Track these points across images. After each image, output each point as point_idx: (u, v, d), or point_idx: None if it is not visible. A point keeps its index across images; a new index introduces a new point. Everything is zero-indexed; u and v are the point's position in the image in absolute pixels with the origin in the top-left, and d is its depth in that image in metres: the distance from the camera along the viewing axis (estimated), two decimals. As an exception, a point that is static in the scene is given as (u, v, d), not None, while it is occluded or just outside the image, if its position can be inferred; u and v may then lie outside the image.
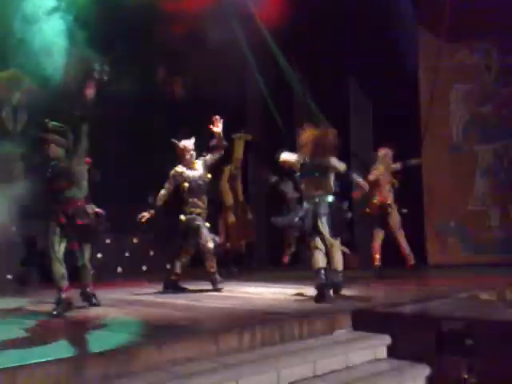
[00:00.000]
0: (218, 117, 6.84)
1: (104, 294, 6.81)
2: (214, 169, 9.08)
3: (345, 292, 5.93)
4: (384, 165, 8.24)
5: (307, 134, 5.86)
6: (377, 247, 8.17)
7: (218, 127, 6.78)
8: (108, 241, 9.56)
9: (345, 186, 6.03)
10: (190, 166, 6.91)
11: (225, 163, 9.89)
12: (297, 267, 8.67)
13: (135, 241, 10.08)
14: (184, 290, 6.82)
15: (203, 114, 11.02)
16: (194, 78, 10.63)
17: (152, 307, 5.49)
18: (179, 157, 6.99)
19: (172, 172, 6.93)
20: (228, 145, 7.68)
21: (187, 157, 6.90)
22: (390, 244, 8.69)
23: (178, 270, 6.91)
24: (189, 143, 7.02)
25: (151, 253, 10.10)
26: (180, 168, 6.92)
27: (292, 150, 6.09)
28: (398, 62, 9.36)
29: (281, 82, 10.03)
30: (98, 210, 5.67)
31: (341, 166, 5.91)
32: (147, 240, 10.16)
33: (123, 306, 5.63)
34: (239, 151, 9.90)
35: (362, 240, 10.22)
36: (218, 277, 6.65)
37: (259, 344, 4.08)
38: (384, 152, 8.31)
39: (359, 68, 10.31)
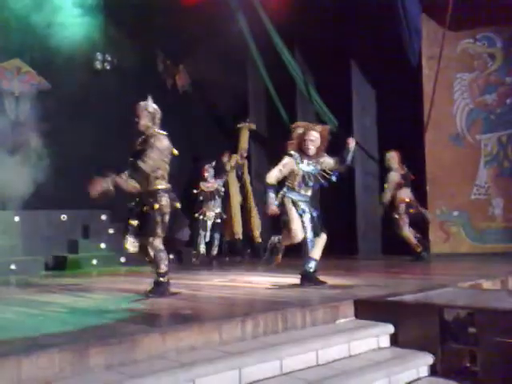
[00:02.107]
0: None
1: (107, 284, 6.86)
2: (218, 159, 9.11)
3: (348, 281, 5.95)
4: (398, 165, 8.50)
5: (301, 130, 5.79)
6: (409, 234, 8.25)
7: None
8: (111, 231, 9.59)
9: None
10: None
11: (230, 153, 9.90)
12: (295, 256, 8.66)
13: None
14: None
15: (206, 104, 11.08)
16: (198, 69, 10.61)
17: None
18: None
19: None
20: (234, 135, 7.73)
21: None
22: (392, 232, 8.70)
23: None
24: None
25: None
26: None
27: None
28: (402, 51, 9.31)
29: (283, 72, 10.00)
30: None
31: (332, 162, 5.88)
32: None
33: (126, 296, 5.64)
34: (244, 140, 9.91)
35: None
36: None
37: (262, 333, 4.09)
38: (393, 154, 8.52)
39: (362, 57, 10.27)
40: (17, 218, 8.54)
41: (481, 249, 9.39)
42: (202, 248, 9.39)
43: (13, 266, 8.14)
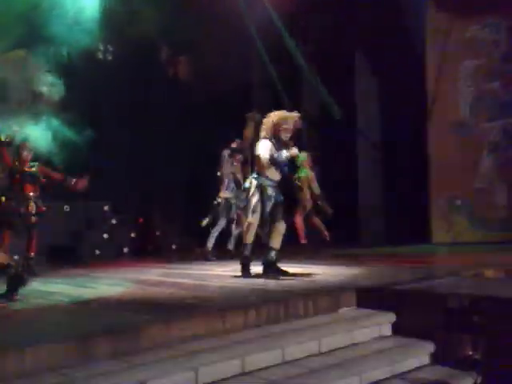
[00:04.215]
0: None
1: (111, 274, 6.89)
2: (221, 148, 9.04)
3: (350, 270, 5.97)
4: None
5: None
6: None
7: None
8: (114, 221, 9.62)
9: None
10: None
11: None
12: (303, 247, 8.67)
13: (141, 221, 10.14)
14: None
15: (210, 96, 11.05)
16: (200, 59, 10.59)
17: (159, 286, 5.54)
18: None
19: None
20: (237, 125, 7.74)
21: None
22: (394, 221, 8.70)
23: None
24: None
25: (157, 233, 10.15)
26: None
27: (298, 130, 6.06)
28: (405, 37, 9.26)
29: (288, 62, 9.97)
30: None
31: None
32: (153, 220, 10.23)
33: (130, 286, 5.67)
34: (249, 130, 9.86)
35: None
36: None
37: (264, 322, 4.12)
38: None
39: (365, 44, 10.22)
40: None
41: (484, 237, 9.37)
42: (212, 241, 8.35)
43: (16, 257, 8.17)
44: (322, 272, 6.04)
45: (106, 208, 9.72)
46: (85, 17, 7.98)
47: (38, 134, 7.26)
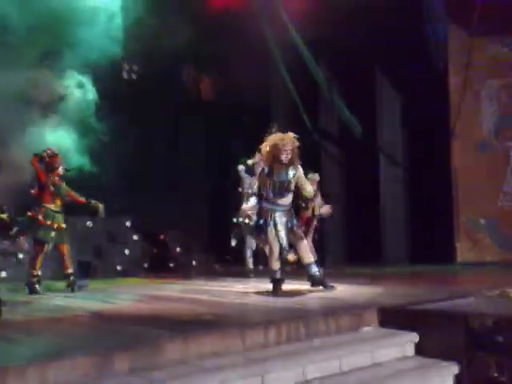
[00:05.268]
0: None
1: (131, 290, 6.91)
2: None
3: (372, 289, 5.91)
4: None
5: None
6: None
7: None
8: (135, 237, 9.67)
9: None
10: None
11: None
12: (320, 264, 8.60)
13: (162, 237, 10.17)
14: None
15: (229, 112, 11.14)
16: (221, 77, 10.69)
17: (178, 302, 5.52)
18: None
19: None
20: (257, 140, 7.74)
21: None
22: (418, 240, 8.60)
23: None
24: None
25: (177, 249, 10.16)
26: None
27: (316, 147, 6.09)
28: (428, 57, 9.23)
29: (307, 79, 10.00)
30: None
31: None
32: (174, 237, 10.26)
33: (150, 302, 5.68)
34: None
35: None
36: None
37: (285, 340, 4.07)
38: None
39: (387, 64, 10.19)
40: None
41: (508, 257, 9.21)
42: (250, 260, 8.13)
43: (39, 272, 8.24)
44: (344, 290, 5.97)
45: (127, 224, 9.78)
46: (113, 25, 8.14)
47: (66, 143, 7.34)
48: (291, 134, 5.84)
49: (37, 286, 6.47)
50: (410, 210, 10.01)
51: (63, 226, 6.69)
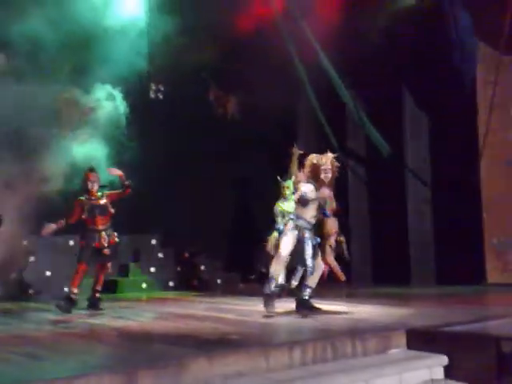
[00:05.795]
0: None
1: (156, 308, 6.91)
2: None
3: (400, 310, 5.80)
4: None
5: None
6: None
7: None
8: (161, 255, 9.71)
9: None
10: None
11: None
12: (346, 285, 8.49)
13: (187, 255, 10.18)
14: None
15: (256, 130, 11.18)
16: (247, 97, 10.75)
17: (202, 321, 5.50)
18: None
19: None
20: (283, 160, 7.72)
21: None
22: (446, 260, 8.43)
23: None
24: None
25: (202, 267, 10.15)
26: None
27: (342, 164, 6.07)
28: (456, 76, 9.14)
29: (333, 99, 9.99)
30: None
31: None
32: (199, 255, 10.26)
33: (175, 320, 5.66)
34: (294, 165, 9.82)
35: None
36: None
37: (310, 361, 4.00)
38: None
39: (415, 81, 10.12)
40: (71, 242, 8.74)
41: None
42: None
43: (65, 288, 8.31)
44: (371, 311, 5.88)
45: (153, 242, 9.83)
46: (141, 43, 8.28)
47: (98, 156, 7.38)
48: (330, 154, 5.85)
49: (70, 304, 6.39)
50: (438, 230, 9.83)
51: (115, 240, 6.67)
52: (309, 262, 5.68)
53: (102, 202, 6.64)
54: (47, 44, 7.47)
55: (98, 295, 6.58)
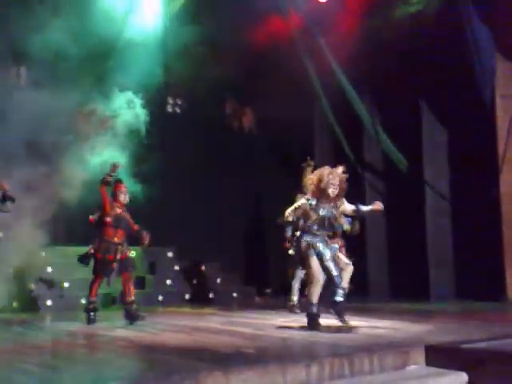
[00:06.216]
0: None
1: (172, 321, 6.89)
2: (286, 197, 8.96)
3: (419, 326, 5.72)
4: None
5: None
6: None
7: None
8: (177, 268, 9.70)
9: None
10: None
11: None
12: (363, 299, 8.42)
13: (203, 268, 10.16)
14: None
15: (273, 145, 11.20)
16: (264, 111, 10.78)
17: (219, 335, 5.47)
18: None
19: None
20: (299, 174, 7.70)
21: None
22: (466, 275, 8.30)
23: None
24: None
25: (218, 280, 10.12)
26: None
27: (359, 178, 6.05)
28: (474, 90, 9.06)
29: (350, 111, 9.96)
30: None
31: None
32: (215, 268, 10.23)
33: (191, 333, 5.64)
34: (306, 179, 9.79)
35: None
36: None
37: (327, 377, 3.94)
38: None
39: (433, 96, 10.06)
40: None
41: None
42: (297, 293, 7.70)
43: (83, 301, 8.34)
44: (389, 327, 5.80)
45: (169, 254, 9.83)
46: (161, 53, 8.36)
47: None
48: (340, 169, 5.79)
49: (92, 313, 6.38)
50: (457, 244, 9.70)
51: (127, 254, 6.51)
52: (334, 272, 5.61)
53: (127, 216, 6.57)
54: (68, 56, 7.59)
55: (134, 306, 6.39)
